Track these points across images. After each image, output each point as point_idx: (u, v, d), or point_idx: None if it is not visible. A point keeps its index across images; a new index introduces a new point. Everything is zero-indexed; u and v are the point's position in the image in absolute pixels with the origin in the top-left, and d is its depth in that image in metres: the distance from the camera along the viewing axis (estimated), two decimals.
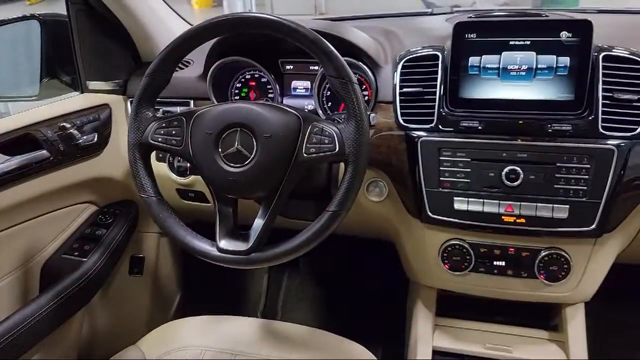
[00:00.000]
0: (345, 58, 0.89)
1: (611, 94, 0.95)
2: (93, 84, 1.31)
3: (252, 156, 0.88)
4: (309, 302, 1.81)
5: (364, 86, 1.15)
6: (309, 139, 0.88)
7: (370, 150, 1.04)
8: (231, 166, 0.89)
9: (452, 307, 1.22)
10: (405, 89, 1.05)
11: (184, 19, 1.43)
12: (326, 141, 0.87)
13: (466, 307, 1.22)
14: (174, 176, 1.25)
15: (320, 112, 1.17)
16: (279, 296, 1.83)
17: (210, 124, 0.90)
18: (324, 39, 0.86)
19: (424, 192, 1.03)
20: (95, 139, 1.25)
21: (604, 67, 0.96)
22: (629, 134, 0.94)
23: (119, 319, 1.53)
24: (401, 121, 1.05)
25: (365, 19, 1.49)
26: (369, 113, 0.97)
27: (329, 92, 1.18)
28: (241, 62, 1.19)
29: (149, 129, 0.93)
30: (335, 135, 0.87)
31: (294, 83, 1.23)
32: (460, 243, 1.06)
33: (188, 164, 1.22)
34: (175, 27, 1.36)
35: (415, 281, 1.23)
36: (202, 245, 0.92)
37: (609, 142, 0.95)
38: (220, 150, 0.89)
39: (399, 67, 1.06)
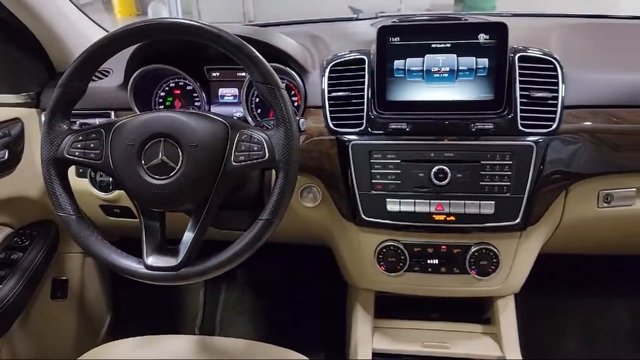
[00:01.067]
0: (272, 64, 0.88)
1: (528, 93, 0.99)
2: (1, 97, 1.22)
3: (177, 167, 0.84)
4: (249, 314, 1.77)
5: (293, 92, 1.14)
6: (238, 146, 0.85)
7: (301, 156, 1.04)
8: (156, 178, 0.85)
9: (390, 308, 1.23)
10: (333, 94, 1.05)
11: (99, 26, 1.36)
12: (255, 148, 0.85)
13: (404, 307, 1.24)
14: (96, 192, 1.18)
15: (249, 119, 1.15)
16: (216, 310, 1.78)
17: (131, 135, 0.85)
18: (248, 45, 0.84)
19: (357, 195, 1.03)
20: (6, 155, 1.16)
21: (520, 67, 1.00)
22: (545, 131, 0.99)
23: (42, 348, 1.42)
24: (331, 125, 1.04)
25: (292, 24, 1.49)
26: (298, 118, 0.96)
27: (257, 99, 1.16)
28: (164, 70, 1.15)
29: (65, 143, 0.87)
30: (264, 141, 0.85)
31: (221, 90, 1.20)
32: (395, 244, 1.07)
33: (110, 179, 1.15)
34: (92, 34, 1.29)
35: (353, 285, 1.23)
36: (128, 263, 0.88)
37: (528, 138, 0.99)
38: (143, 162, 0.85)
39: (327, 71, 1.06)
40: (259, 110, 1.16)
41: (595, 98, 1.03)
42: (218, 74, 1.18)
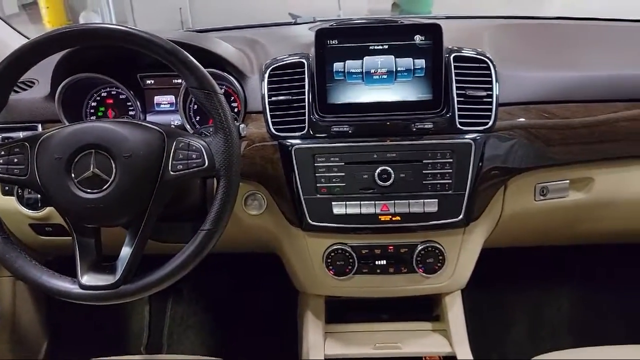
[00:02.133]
0: (208, 69, 0.85)
1: (464, 92, 1.02)
2: None
3: (111, 179, 0.80)
4: (198, 328, 1.72)
5: (232, 97, 1.11)
6: (175, 155, 0.82)
7: (243, 162, 1.01)
8: (88, 192, 0.80)
9: (342, 312, 1.22)
10: (274, 98, 1.03)
11: (20, 32, 1.28)
12: (194, 156, 0.82)
13: (355, 310, 1.23)
14: (25, 210, 1.10)
15: (188, 127, 1.11)
16: (163, 327, 1.71)
17: (59, 148, 0.80)
18: (181, 49, 0.81)
19: (302, 199, 1.02)
20: None
21: (455, 67, 1.02)
22: (482, 128, 1.01)
23: None
24: (273, 130, 1.03)
25: (229, 30, 1.46)
26: (238, 124, 0.93)
27: (196, 106, 1.12)
28: (94, 79, 1.09)
29: None
30: (203, 149, 0.82)
31: (157, 98, 1.15)
32: (343, 247, 1.06)
33: (39, 195, 1.08)
34: (11, 41, 1.21)
35: (303, 291, 1.22)
36: (62, 283, 0.82)
37: (466, 136, 1.01)
38: (73, 175, 0.80)
39: (266, 75, 1.04)
40: (197, 118, 1.13)
41: (527, 95, 1.07)
42: (153, 81, 1.14)
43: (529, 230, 1.24)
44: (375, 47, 1.02)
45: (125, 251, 0.84)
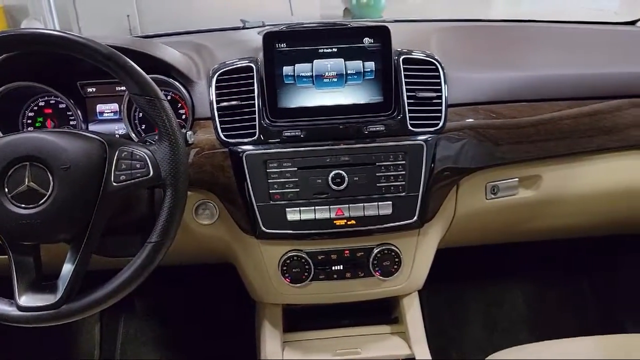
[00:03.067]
0: (152, 75, 0.82)
1: (414, 94, 1.02)
2: None
3: (48, 193, 0.76)
4: (153, 344, 1.66)
5: (179, 104, 1.08)
6: (118, 165, 0.79)
7: (193, 170, 0.98)
8: (23, 207, 0.76)
9: (300, 320, 1.20)
10: (222, 103, 1.01)
11: None
12: (138, 165, 0.79)
13: (314, 317, 1.22)
14: None
15: (133, 135, 1.07)
16: (116, 345, 1.64)
17: None
18: (121, 54, 0.78)
19: (255, 207, 1.00)
20: None
21: (405, 69, 1.03)
22: (433, 129, 1.02)
23: None
24: (223, 137, 1.00)
25: (176, 35, 1.42)
26: (185, 131, 0.90)
27: (141, 114, 1.08)
28: (31, 88, 1.04)
29: None
30: (147, 158, 0.79)
31: (99, 107, 1.10)
32: (298, 254, 1.05)
33: None
34: None
35: (259, 301, 1.19)
36: None
37: (418, 138, 1.01)
38: (6, 190, 0.75)
39: (214, 81, 1.02)
40: (143, 126, 1.08)
41: (475, 96, 1.08)
42: (94, 89, 1.09)
43: (482, 228, 1.26)
44: (325, 51, 1.01)
45: (67, 268, 0.79)
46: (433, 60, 1.05)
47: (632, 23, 1.42)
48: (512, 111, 1.09)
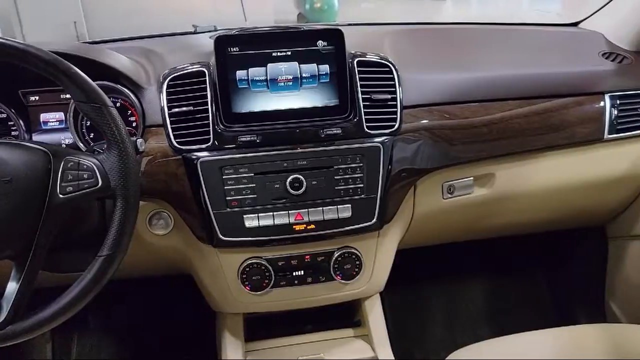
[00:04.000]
0: (99, 82, 0.79)
1: (369, 96, 1.02)
2: None
3: None
4: None
5: (130, 111, 1.04)
6: (64, 176, 0.75)
7: (145, 179, 0.95)
8: None
9: (262, 328, 1.18)
10: (174, 110, 0.98)
11: None
12: (85, 176, 0.75)
13: (276, 325, 1.20)
14: None
15: (80, 145, 1.03)
16: None
17: None
18: (63, 60, 0.74)
19: (212, 215, 0.97)
20: None
21: (360, 72, 1.03)
22: (389, 131, 1.02)
23: None
24: (175, 144, 0.97)
25: (125, 40, 1.38)
26: (136, 139, 0.87)
27: (89, 122, 1.04)
28: None
29: None
30: (95, 167, 0.76)
31: (44, 116, 1.05)
32: (258, 261, 1.03)
33: None
34: None
35: (219, 311, 1.16)
36: None
37: (375, 140, 1.01)
38: None
39: (164, 86, 0.99)
40: (91, 135, 1.04)
41: (429, 97, 1.10)
42: (37, 97, 1.04)
43: (440, 228, 1.28)
44: (279, 54, 1.00)
45: (12, 287, 0.75)
46: (387, 63, 1.05)
47: (575, 24, 1.48)
48: (465, 111, 1.11)
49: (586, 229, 1.54)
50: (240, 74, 0.98)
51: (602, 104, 1.18)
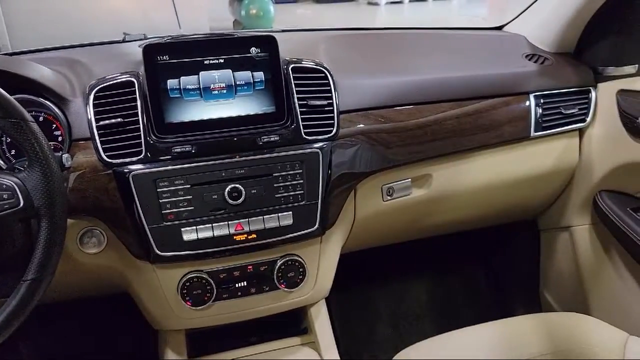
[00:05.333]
0: (19, 95, 0.74)
1: (305, 102, 1.02)
2: None
3: None
4: None
5: (54, 125, 0.99)
6: None
7: (73, 197, 0.90)
8: None
9: (205, 343, 1.15)
10: (102, 122, 0.93)
11: None
12: (5, 196, 0.70)
13: (220, 338, 1.17)
14: None
15: (1, 162, 0.96)
16: None
17: None
18: None
19: (147, 230, 0.94)
20: None
21: (295, 78, 1.02)
22: (327, 136, 1.03)
23: None
24: (105, 158, 0.93)
25: (47, 51, 1.31)
26: (61, 154, 0.83)
27: (9, 139, 0.97)
28: None
29: None
30: (16, 187, 0.71)
31: None
32: (198, 275, 1.00)
33: None
34: None
35: (159, 328, 1.12)
36: None
37: (313, 146, 1.01)
38: None
39: (91, 98, 0.94)
40: (12, 152, 0.98)
41: (364, 102, 1.11)
42: None
43: (381, 230, 1.29)
44: (211, 62, 0.98)
45: None
46: (322, 69, 1.05)
47: (499, 28, 1.55)
48: (400, 115, 1.13)
49: (519, 223, 1.61)
50: (171, 83, 0.95)
51: (527, 103, 1.24)
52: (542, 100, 1.25)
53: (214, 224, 0.96)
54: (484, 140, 1.22)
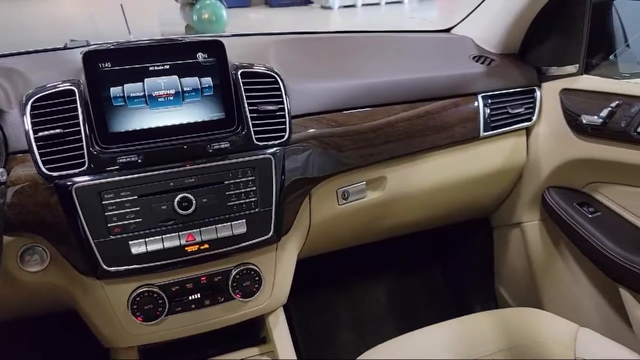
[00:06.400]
0: None
1: (256, 107, 1.00)
2: None
3: None
4: None
5: None
6: None
7: (11, 213, 0.86)
8: None
9: (160, 359, 1.11)
10: (41, 133, 0.89)
11: None
12: None
13: (175, 353, 1.13)
14: None
15: None
16: None
17: None
18: None
19: (93, 244, 0.89)
20: None
21: (244, 83, 1.01)
22: (279, 142, 1.01)
23: None
24: (45, 171, 0.88)
25: None
26: None
27: None
28: None
29: None
30: None
31: None
32: (149, 289, 0.96)
33: None
34: None
35: (110, 346, 1.07)
36: None
37: (265, 152, 1.00)
38: None
39: (28, 108, 0.89)
40: None
41: (316, 106, 1.10)
42: None
43: (338, 234, 1.29)
44: (156, 68, 0.94)
45: None
46: (272, 73, 1.04)
47: (447, 30, 1.57)
48: (352, 118, 1.13)
49: (473, 221, 1.64)
50: (114, 90, 0.92)
51: (475, 104, 1.26)
52: (489, 101, 1.28)
53: (163, 236, 0.93)
54: (435, 141, 1.23)
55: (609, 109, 1.13)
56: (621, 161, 1.15)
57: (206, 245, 0.96)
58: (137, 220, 0.92)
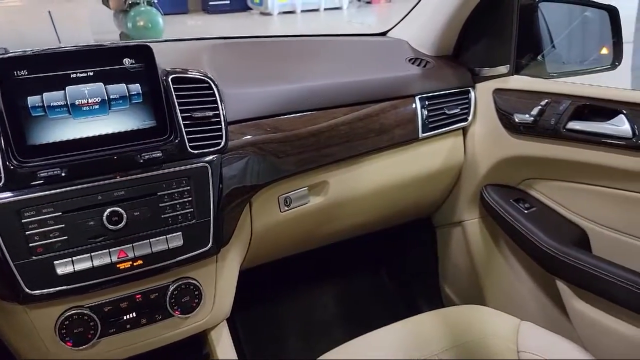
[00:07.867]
0: None
1: (189, 114, 0.96)
2: None
3: None
4: None
5: None
6: None
7: None
8: None
9: None
10: None
11: None
12: None
13: None
14: None
15: None
16: None
17: None
18: None
19: (13, 267, 0.82)
20: None
21: (176, 90, 0.96)
22: (215, 149, 0.97)
23: None
24: None
25: None
26: None
27: None
28: None
29: None
30: None
31: None
32: (79, 311, 0.90)
33: None
34: None
35: None
36: None
37: (201, 160, 0.96)
38: None
39: None
40: None
41: (254, 111, 1.07)
42: None
43: (282, 242, 1.26)
44: (79, 75, 0.88)
45: None
46: (205, 78, 1.00)
47: (384, 34, 1.59)
48: (292, 123, 1.11)
49: (416, 222, 1.66)
50: (32, 100, 0.85)
51: (413, 106, 1.27)
52: (426, 102, 1.29)
53: (92, 254, 0.87)
54: (376, 144, 1.23)
55: (539, 107, 1.17)
56: (553, 157, 1.19)
57: (140, 261, 0.91)
58: (63, 238, 0.85)
